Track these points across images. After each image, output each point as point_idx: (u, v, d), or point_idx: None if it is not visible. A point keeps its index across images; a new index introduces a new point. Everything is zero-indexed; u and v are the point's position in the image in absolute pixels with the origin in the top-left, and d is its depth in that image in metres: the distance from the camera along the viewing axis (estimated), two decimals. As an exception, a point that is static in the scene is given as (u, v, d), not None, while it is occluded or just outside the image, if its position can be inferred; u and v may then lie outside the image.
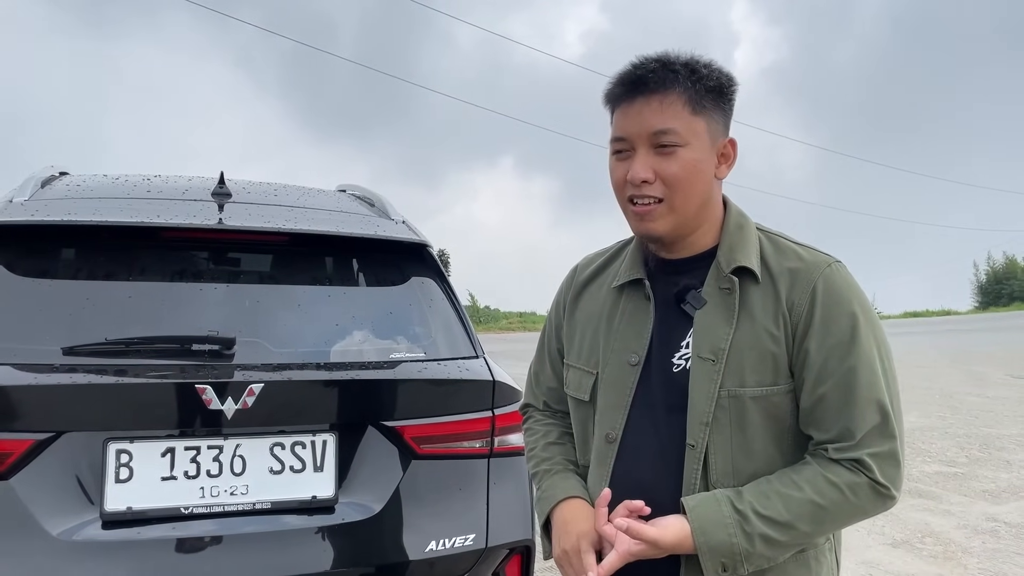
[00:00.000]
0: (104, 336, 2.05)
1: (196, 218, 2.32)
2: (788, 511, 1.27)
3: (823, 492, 1.27)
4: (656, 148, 1.33)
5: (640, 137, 1.34)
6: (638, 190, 1.35)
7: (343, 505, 2.12)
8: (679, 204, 1.35)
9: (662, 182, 1.33)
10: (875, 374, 1.31)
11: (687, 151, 1.33)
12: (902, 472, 1.32)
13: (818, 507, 1.27)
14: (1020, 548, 4.48)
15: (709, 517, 1.27)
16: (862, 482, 1.28)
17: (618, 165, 1.38)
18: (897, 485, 1.31)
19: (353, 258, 2.58)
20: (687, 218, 1.38)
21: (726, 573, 1.28)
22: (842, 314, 1.32)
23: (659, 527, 1.29)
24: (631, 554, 1.29)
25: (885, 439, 1.29)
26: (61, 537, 1.88)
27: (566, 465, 1.57)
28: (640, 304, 1.47)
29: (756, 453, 1.34)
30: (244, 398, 2.01)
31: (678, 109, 1.33)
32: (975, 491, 5.73)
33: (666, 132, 1.32)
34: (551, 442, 1.63)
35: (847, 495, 1.28)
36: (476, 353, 2.46)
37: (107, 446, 1.95)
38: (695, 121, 1.34)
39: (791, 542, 1.29)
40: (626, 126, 1.35)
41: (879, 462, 1.28)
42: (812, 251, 1.40)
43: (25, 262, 2.17)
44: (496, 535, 2.28)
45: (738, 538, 1.26)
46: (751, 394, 1.33)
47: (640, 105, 1.34)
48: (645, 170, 1.33)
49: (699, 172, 1.35)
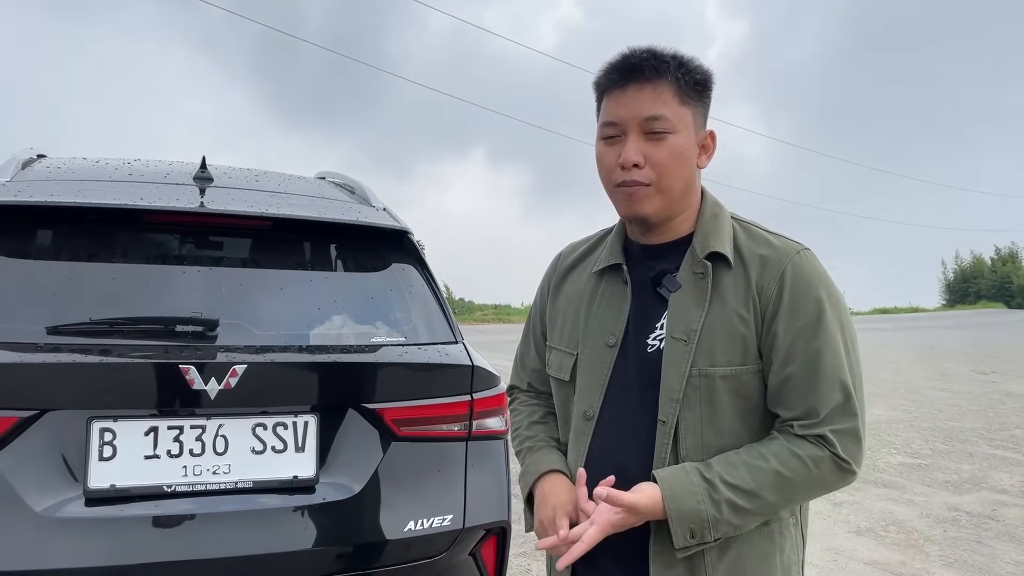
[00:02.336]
0: (88, 316, 2.07)
1: (179, 201, 2.34)
2: (754, 480, 1.33)
3: (788, 464, 1.34)
4: (647, 134, 1.39)
5: (632, 122, 1.40)
6: (628, 174, 1.40)
7: (323, 485, 2.16)
8: (666, 187, 1.41)
9: (651, 166, 1.39)
10: (839, 356, 1.37)
11: (676, 138, 1.40)
12: (863, 448, 1.39)
13: (783, 478, 1.34)
14: (980, 536, 4.61)
15: (679, 485, 1.33)
16: (825, 456, 1.35)
17: (608, 149, 1.44)
18: (858, 461, 1.38)
19: (335, 244, 2.61)
20: (672, 201, 1.44)
21: (694, 539, 1.33)
22: (809, 299, 1.38)
23: (635, 492, 1.34)
24: (611, 524, 1.34)
25: (847, 417, 1.36)
26: (44, 513, 1.90)
27: (548, 442, 1.64)
28: (618, 288, 1.53)
29: (724, 430, 1.40)
30: (227, 379, 2.04)
31: (668, 98, 1.39)
32: (938, 482, 5.88)
33: (657, 118, 1.38)
34: (534, 421, 1.69)
35: (810, 467, 1.34)
36: (455, 339, 2.50)
37: (91, 424, 1.97)
38: (682, 111, 1.41)
39: (757, 511, 1.36)
40: (618, 111, 1.41)
41: (841, 438, 1.35)
42: (782, 239, 1.47)
43: (8, 243, 2.18)
44: (473, 516, 2.33)
45: (706, 504, 1.32)
46: (721, 373, 1.39)
47: (633, 92, 1.40)
48: (637, 154, 1.39)
49: (685, 159, 1.42)
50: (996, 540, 4.55)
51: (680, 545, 1.33)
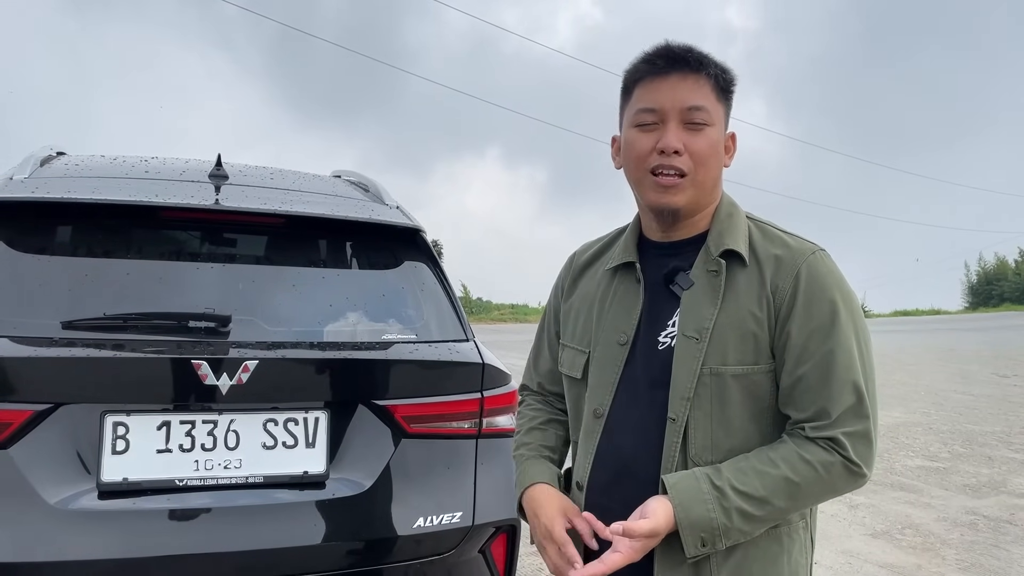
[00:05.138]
0: (102, 311, 2.10)
1: (194, 198, 2.36)
2: (764, 487, 1.32)
3: (798, 469, 1.33)
4: (686, 124, 1.39)
5: (673, 110, 1.39)
6: (667, 160, 1.39)
7: (334, 481, 2.17)
8: (701, 179, 1.41)
9: (690, 155, 1.39)
10: (852, 357, 1.36)
11: (713, 131, 1.41)
12: (874, 451, 1.37)
13: (793, 484, 1.32)
14: (997, 540, 4.56)
15: (689, 493, 1.32)
16: (835, 461, 1.33)
17: (643, 136, 1.42)
18: (869, 464, 1.36)
19: (347, 241, 2.62)
20: (702, 195, 1.44)
21: (705, 548, 1.32)
22: (823, 299, 1.37)
23: (649, 518, 1.31)
24: (635, 551, 1.31)
25: (859, 419, 1.35)
26: (58, 506, 1.93)
27: (540, 451, 1.65)
28: (630, 286, 1.53)
29: (735, 429, 1.39)
30: (239, 374, 2.06)
31: (707, 91, 1.41)
32: (956, 485, 5.82)
33: (699, 109, 1.39)
34: (533, 427, 1.70)
35: (820, 473, 1.33)
36: (467, 336, 2.51)
37: (104, 418, 2.00)
38: (718, 106, 1.43)
39: (767, 517, 1.35)
40: (659, 99, 1.41)
41: (852, 441, 1.34)
42: (798, 239, 1.47)
43: (25, 238, 2.21)
44: (483, 514, 2.33)
45: (716, 513, 1.31)
46: (732, 372, 1.38)
47: (676, 80, 1.40)
48: (678, 141, 1.38)
49: (719, 153, 1.43)
50: (1014, 544, 4.49)
51: (691, 555, 1.32)
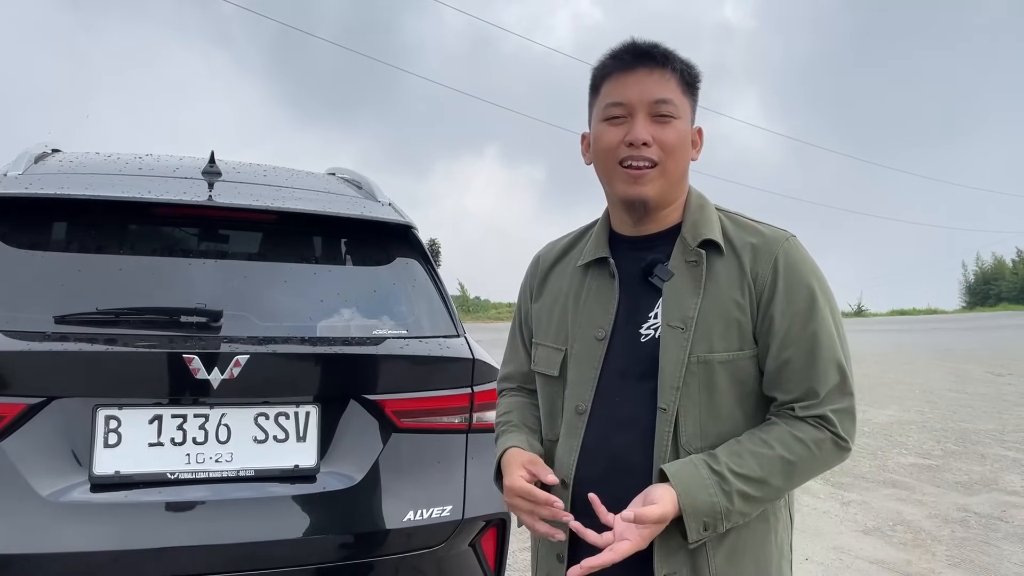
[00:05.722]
0: (95, 306, 2.12)
1: (186, 195, 2.38)
2: (761, 468, 1.36)
3: (792, 448, 1.37)
4: (654, 117, 1.43)
5: (641, 104, 1.43)
6: (636, 151, 1.43)
7: (324, 474, 2.19)
8: (671, 169, 1.45)
9: (659, 147, 1.43)
10: (833, 338, 1.42)
11: (680, 123, 1.45)
12: (856, 426, 1.44)
13: (788, 463, 1.37)
14: (988, 537, 4.59)
15: (691, 480, 1.35)
16: (825, 438, 1.39)
17: (612, 129, 1.46)
18: (853, 438, 1.43)
19: (339, 238, 2.64)
20: (671, 186, 1.48)
21: (707, 532, 1.35)
22: (801, 284, 1.43)
23: (657, 504, 1.32)
24: (644, 539, 1.32)
25: (845, 396, 1.41)
26: (50, 499, 1.95)
27: (519, 426, 1.67)
28: (604, 281, 1.55)
29: (723, 415, 1.43)
30: (230, 369, 2.08)
31: (674, 85, 1.45)
32: (948, 482, 5.85)
33: (666, 102, 1.43)
34: (512, 409, 1.73)
35: (813, 450, 1.38)
36: (457, 332, 2.53)
37: (96, 412, 2.02)
38: (684, 100, 1.47)
39: (765, 497, 1.39)
40: (626, 93, 1.45)
41: (840, 417, 1.40)
42: (769, 227, 1.52)
43: (19, 234, 2.23)
44: (473, 507, 2.36)
45: (718, 497, 1.34)
46: (720, 359, 1.42)
47: (643, 75, 1.44)
48: (646, 133, 1.43)
49: (686, 145, 1.48)
50: (1004, 541, 4.52)
51: (694, 539, 1.35)
